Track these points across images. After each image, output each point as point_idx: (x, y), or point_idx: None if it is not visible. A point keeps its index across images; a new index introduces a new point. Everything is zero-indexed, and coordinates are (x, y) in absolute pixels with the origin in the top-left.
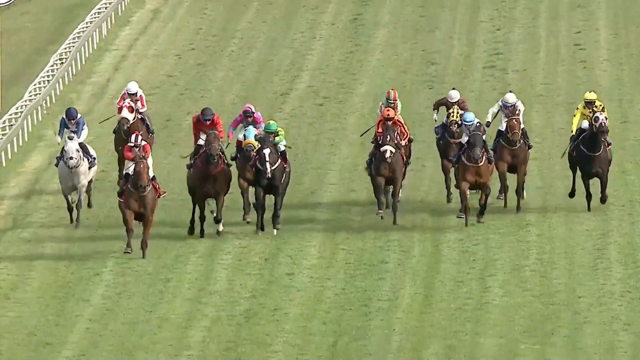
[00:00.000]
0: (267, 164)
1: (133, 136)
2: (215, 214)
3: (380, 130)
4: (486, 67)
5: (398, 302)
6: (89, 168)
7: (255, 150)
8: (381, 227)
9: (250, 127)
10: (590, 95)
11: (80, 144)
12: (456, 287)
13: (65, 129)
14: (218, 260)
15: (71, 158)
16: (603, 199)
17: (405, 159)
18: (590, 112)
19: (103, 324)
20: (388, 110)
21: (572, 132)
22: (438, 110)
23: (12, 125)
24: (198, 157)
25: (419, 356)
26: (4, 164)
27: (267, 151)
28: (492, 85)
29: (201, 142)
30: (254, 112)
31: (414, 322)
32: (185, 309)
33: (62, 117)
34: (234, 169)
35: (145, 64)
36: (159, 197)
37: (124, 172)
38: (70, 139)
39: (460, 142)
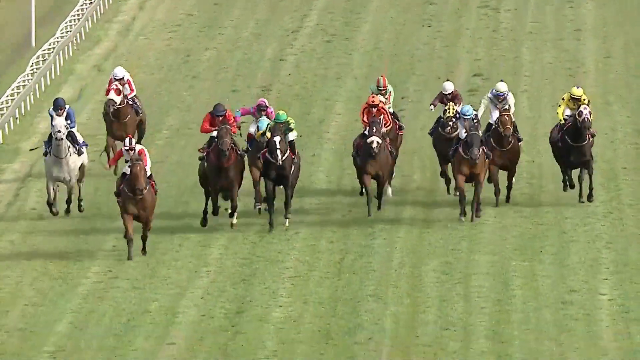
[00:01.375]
0: (278, 151)
1: (127, 139)
2: (228, 209)
3: (365, 119)
4: (480, 6)
5: (399, 224)
6: (79, 155)
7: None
8: None
9: (264, 118)
10: (577, 91)
11: (69, 132)
12: (452, 210)
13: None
14: None
15: (59, 131)
16: (590, 195)
17: (391, 151)
18: (575, 106)
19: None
20: (373, 97)
21: (559, 119)
22: (435, 106)
23: (45, 60)
24: (211, 150)
25: (419, 272)
26: (38, 95)
27: (277, 139)
28: (485, 24)
29: (214, 134)
30: (267, 107)
31: (413, 241)
32: (204, 230)
33: (49, 111)
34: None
35: (166, 3)
36: (156, 193)
37: (122, 172)
38: (59, 115)
39: (453, 137)
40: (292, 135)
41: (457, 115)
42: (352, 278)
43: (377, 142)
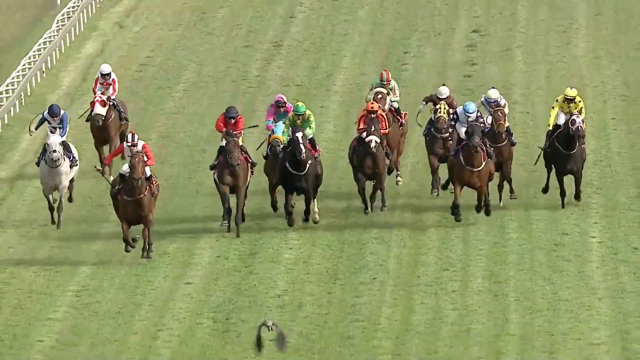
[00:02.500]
0: (302, 146)
1: (129, 135)
2: (236, 216)
3: (361, 126)
4: None
5: (402, 175)
6: (70, 167)
7: (281, 145)
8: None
9: (280, 123)
10: (571, 92)
11: (62, 142)
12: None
13: (47, 124)
14: None
15: (54, 151)
16: (577, 196)
17: (387, 152)
18: (568, 109)
19: None
20: (372, 104)
21: (548, 126)
22: (426, 104)
23: (69, 17)
24: (222, 156)
25: (420, 217)
26: (63, 51)
27: (299, 135)
28: None
29: (222, 143)
30: (286, 103)
31: (416, 187)
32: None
33: (43, 113)
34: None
35: None
36: (158, 190)
37: (119, 173)
38: (52, 132)
39: (446, 137)
40: (311, 131)
41: (455, 117)
42: (358, 222)
43: (376, 142)
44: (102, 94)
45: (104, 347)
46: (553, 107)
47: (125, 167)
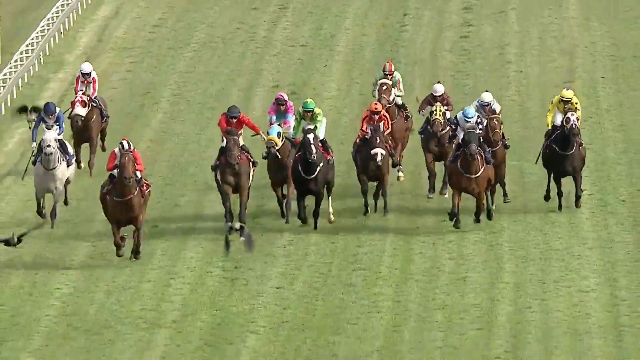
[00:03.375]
0: (312, 147)
1: (125, 143)
2: (239, 215)
3: (364, 127)
4: None
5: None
6: (67, 166)
7: (276, 147)
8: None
9: (275, 125)
10: (568, 93)
11: (59, 140)
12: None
13: (43, 124)
14: None
15: (48, 146)
16: (577, 197)
17: (391, 153)
18: (564, 109)
19: None
20: (376, 104)
21: (547, 126)
22: (424, 109)
23: None
24: (223, 157)
25: (420, 173)
26: (80, 13)
27: (311, 136)
28: None
29: (223, 144)
30: (286, 101)
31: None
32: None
33: (39, 114)
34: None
35: None
36: (148, 192)
37: (109, 174)
38: (49, 128)
39: (441, 135)
40: (322, 131)
41: (455, 121)
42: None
43: (382, 154)
44: (83, 94)
45: (119, 294)
46: (549, 110)
47: (116, 170)
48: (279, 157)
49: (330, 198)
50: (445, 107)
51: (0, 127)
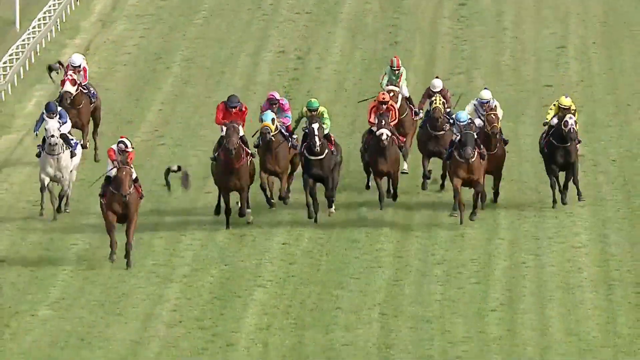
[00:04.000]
0: (316, 138)
1: (126, 141)
2: (239, 207)
3: (372, 119)
4: None
5: None
6: (71, 157)
7: (271, 132)
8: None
9: (268, 111)
10: (566, 101)
11: (62, 134)
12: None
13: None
14: None
15: (52, 136)
16: (577, 191)
17: (400, 146)
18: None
19: None
20: (383, 94)
21: (546, 119)
22: (424, 104)
23: None
24: (221, 150)
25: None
26: None
27: (316, 126)
28: None
29: (223, 133)
30: (279, 99)
31: None
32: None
33: (42, 113)
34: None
35: None
36: (141, 198)
37: (106, 175)
38: (51, 118)
39: (441, 135)
40: (326, 127)
41: (452, 121)
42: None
43: (387, 135)
44: (73, 72)
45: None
46: (548, 113)
47: (112, 172)
48: (272, 143)
49: (334, 193)
50: (443, 102)
51: (19, 89)
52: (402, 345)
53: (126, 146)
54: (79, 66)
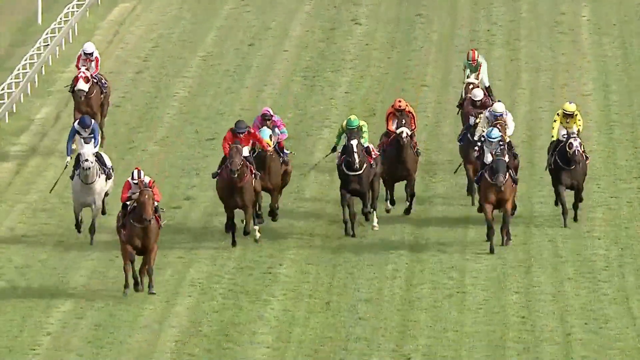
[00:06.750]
0: (355, 155)
1: (135, 172)
2: (244, 225)
3: (390, 125)
4: None
5: None
6: (106, 180)
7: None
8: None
9: (265, 128)
10: (570, 107)
11: (96, 154)
12: None
13: (78, 136)
14: None
15: (86, 160)
16: (576, 207)
17: (417, 151)
18: (567, 124)
19: None
20: (400, 101)
21: (552, 137)
22: (476, 117)
23: None
24: (224, 169)
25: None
26: None
27: (354, 142)
28: None
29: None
30: (272, 115)
31: None
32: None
33: (73, 126)
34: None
35: None
36: (160, 228)
37: (124, 204)
38: (87, 143)
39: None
40: (364, 140)
41: (483, 139)
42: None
43: (407, 133)
44: (86, 69)
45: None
46: (555, 121)
47: (133, 196)
48: (266, 159)
49: (372, 208)
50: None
51: (49, 78)
52: None
53: (132, 176)
54: (92, 54)
